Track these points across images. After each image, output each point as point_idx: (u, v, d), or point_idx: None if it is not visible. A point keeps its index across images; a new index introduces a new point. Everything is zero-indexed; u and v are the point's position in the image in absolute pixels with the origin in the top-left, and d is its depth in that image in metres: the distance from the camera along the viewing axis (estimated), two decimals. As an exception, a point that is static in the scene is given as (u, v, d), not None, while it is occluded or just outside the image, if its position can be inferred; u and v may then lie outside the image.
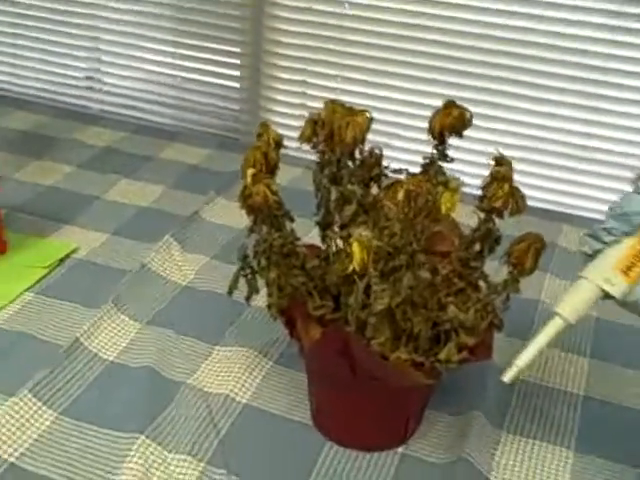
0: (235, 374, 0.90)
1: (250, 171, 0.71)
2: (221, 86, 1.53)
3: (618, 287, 0.65)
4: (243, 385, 0.88)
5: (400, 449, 0.81)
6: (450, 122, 0.76)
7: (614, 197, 1.27)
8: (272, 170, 0.75)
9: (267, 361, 0.92)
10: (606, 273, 0.65)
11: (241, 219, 0.77)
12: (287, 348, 0.93)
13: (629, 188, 0.68)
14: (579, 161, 1.34)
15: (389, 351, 0.72)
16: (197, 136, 1.51)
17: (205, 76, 1.53)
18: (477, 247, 0.77)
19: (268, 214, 0.73)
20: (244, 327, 0.98)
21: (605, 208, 1.29)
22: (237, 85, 1.52)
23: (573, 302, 0.66)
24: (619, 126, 1.29)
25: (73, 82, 1.67)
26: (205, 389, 0.87)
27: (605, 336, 0.99)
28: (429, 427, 0.84)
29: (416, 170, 0.80)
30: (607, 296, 0.66)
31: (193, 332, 0.96)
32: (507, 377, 0.66)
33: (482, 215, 0.75)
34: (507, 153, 0.73)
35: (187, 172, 1.35)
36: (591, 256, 0.67)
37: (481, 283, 0.77)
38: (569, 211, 1.31)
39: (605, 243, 0.66)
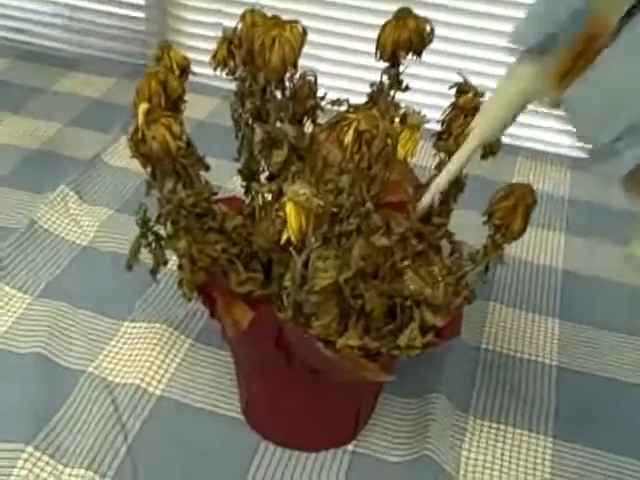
0: (147, 358, 0.74)
1: (142, 107, 0.53)
2: (124, 4, 1.33)
3: None
4: (157, 372, 0.73)
5: (350, 446, 0.69)
6: (406, 37, 0.60)
7: (558, 125, 1.15)
8: (175, 105, 0.59)
9: (185, 339, 0.77)
10: None
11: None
12: (210, 320, 0.78)
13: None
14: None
15: (335, 334, 0.57)
16: (98, 64, 1.32)
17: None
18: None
19: (172, 165, 0.56)
20: (157, 297, 0.82)
21: (554, 139, 1.17)
22: (142, 2, 1.32)
23: None
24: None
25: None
26: (110, 378, 0.73)
27: (573, 292, 0.87)
28: (382, 416, 0.71)
29: (359, 101, 0.64)
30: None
31: (95, 305, 0.82)
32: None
33: (443, 156, 0.62)
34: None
35: (87, 106, 1.18)
36: None
37: (443, 243, 0.63)
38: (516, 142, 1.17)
39: None
